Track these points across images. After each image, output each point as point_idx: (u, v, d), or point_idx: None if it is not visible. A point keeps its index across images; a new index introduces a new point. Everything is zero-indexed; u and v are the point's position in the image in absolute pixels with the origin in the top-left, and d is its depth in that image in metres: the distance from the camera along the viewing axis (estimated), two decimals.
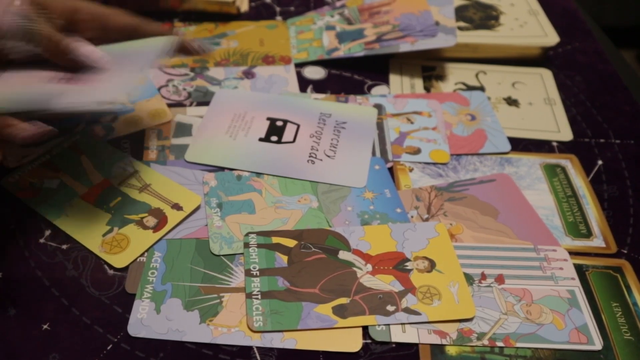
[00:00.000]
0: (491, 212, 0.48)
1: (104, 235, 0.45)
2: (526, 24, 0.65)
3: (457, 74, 0.62)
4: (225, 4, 0.66)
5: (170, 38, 0.46)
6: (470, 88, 0.61)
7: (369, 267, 0.43)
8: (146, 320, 0.40)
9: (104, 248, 0.44)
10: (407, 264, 0.43)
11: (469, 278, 0.43)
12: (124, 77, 0.43)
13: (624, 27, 1.45)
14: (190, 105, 0.57)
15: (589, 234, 0.47)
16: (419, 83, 0.61)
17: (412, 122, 0.55)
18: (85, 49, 0.44)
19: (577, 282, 0.43)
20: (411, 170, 0.51)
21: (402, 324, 0.40)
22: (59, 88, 0.43)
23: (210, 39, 0.65)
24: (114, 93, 0.43)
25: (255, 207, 0.47)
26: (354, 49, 0.61)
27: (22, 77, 0.45)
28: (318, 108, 0.56)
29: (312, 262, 0.43)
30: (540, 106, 0.59)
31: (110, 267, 0.43)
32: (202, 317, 0.40)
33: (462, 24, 0.65)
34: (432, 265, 0.43)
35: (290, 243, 0.44)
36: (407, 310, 0.41)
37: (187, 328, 0.40)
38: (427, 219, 0.47)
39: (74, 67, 0.44)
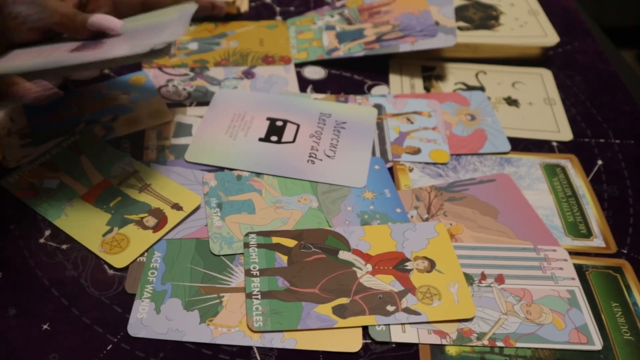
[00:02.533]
0: (491, 212, 0.48)
1: (103, 235, 0.45)
2: (526, 24, 0.65)
3: (457, 74, 0.62)
4: (225, 4, 0.66)
5: (191, 5, 0.48)
6: (470, 88, 0.61)
7: (369, 267, 0.43)
8: (146, 320, 0.40)
9: (103, 248, 0.44)
10: (407, 264, 0.43)
11: (468, 278, 0.43)
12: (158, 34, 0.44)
13: (624, 27, 1.45)
14: (190, 105, 0.57)
15: (589, 234, 0.47)
16: (418, 83, 0.61)
17: (412, 122, 0.55)
18: (101, 17, 0.45)
19: (577, 282, 0.43)
20: (411, 170, 0.51)
21: (402, 324, 0.40)
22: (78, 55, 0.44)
23: (210, 39, 0.65)
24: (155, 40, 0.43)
25: (255, 207, 0.47)
26: (353, 49, 0.61)
27: (38, 50, 0.46)
28: (318, 108, 0.56)
29: (312, 262, 0.43)
30: (540, 106, 0.59)
31: (110, 267, 0.43)
32: (202, 317, 0.40)
33: (462, 24, 0.65)
34: (432, 265, 0.43)
35: (290, 243, 0.44)
36: (407, 310, 0.40)
37: (187, 328, 0.40)
38: (427, 219, 0.47)
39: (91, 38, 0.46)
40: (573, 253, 0.45)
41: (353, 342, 0.39)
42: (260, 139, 0.53)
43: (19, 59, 0.44)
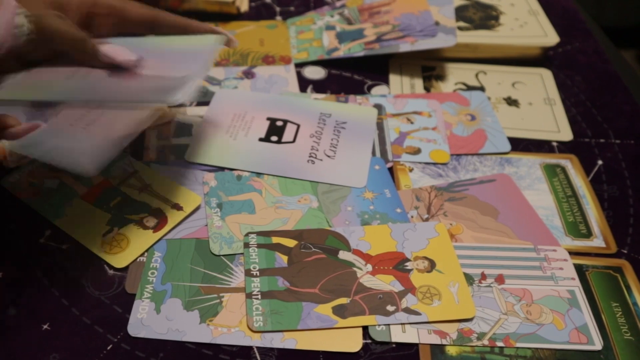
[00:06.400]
0: (491, 212, 0.48)
1: (104, 235, 0.45)
2: (526, 24, 0.65)
3: (457, 74, 0.62)
4: (225, 4, 0.66)
5: (218, 38, 0.46)
6: (470, 88, 0.61)
7: (369, 267, 0.43)
8: (146, 320, 0.40)
9: (104, 248, 0.44)
10: (407, 264, 0.43)
11: (469, 278, 0.43)
12: (178, 77, 0.42)
13: (624, 27, 1.45)
14: (190, 105, 0.57)
15: (589, 234, 0.47)
16: (419, 83, 0.61)
17: (412, 122, 0.55)
18: (112, 49, 0.43)
19: (577, 282, 0.43)
20: (411, 170, 0.51)
21: (402, 324, 0.40)
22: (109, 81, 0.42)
23: None
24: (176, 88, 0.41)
25: (255, 207, 0.47)
26: (354, 49, 0.61)
27: (50, 72, 0.43)
28: (318, 108, 0.56)
29: (312, 262, 0.43)
30: (540, 106, 0.59)
31: (110, 267, 0.43)
32: (202, 317, 0.40)
33: (462, 24, 0.65)
34: (432, 265, 0.43)
35: (290, 243, 0.44)
36: (407, 310, 0.40)
37: (187, 328, 0.40)
38: (427, 219, 0.47)
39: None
40: (573, 253, 0.45)
41: (353, 342, 0.39)
42: (261, 139, 0.53)
43: (47, 75, 0.42)
